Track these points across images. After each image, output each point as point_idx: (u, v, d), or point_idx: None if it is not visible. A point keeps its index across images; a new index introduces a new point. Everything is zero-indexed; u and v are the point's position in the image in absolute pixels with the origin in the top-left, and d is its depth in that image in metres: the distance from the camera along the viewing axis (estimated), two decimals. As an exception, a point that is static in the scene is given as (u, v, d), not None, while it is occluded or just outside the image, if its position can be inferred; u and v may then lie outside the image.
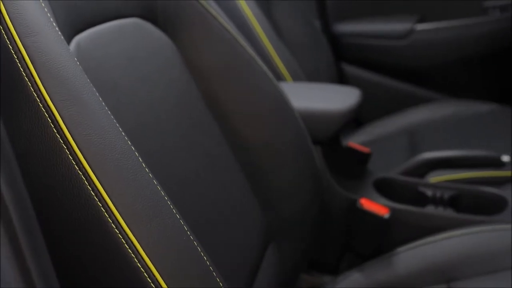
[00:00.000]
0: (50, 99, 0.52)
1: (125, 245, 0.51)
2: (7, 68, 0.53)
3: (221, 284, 0.58)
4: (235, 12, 1.35)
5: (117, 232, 0.51)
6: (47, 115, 0.51)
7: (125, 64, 0.73)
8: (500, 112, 1.61)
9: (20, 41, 0.53)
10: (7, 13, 0.54)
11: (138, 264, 0.51)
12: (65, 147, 0.51)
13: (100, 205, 0.51)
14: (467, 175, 1.21)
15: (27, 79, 0.52)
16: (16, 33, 0.53)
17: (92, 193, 0.51)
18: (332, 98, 1.17)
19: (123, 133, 0.56)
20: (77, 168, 0.51)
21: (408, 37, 1.86)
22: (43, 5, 0.58)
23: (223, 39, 0.90)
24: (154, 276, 0.51)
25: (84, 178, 0.51)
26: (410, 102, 1.78)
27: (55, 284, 0.54)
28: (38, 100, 0.52)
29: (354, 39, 1.96)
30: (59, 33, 0.57)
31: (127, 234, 0.51)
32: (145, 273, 0.51)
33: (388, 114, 1.73)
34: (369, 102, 1.45)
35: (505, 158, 1.21)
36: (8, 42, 0.53)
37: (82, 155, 0.51)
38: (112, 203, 0.51)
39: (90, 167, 0.51)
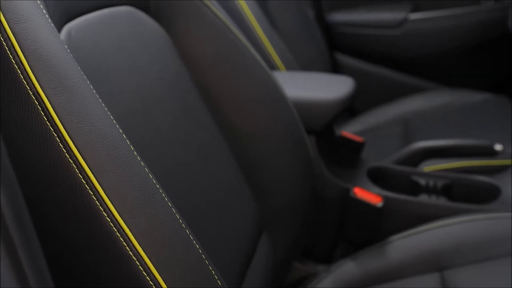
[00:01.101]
0: (40, 87, 0.51)
1: (117, 233, 0.50)
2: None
3: (213, 273, 0.58)
4: (229, 2, 1.35)
5: (109, 220, 0.50)
6: (37, 103, 0.51)
7: (116, 52, 0.72)
8: (494, 102, 1.61)
9: (10, 28, 0.52)
10: (-4, -1, 0.53)
11: (130, 252, 0.51)
12: (56, 135, 0.51)
13: (91, 193, 0.50)
14: (460, 164, 1.21)
15: (16, 67, 0.51)
16: (5, 19, 0.52)
17: (83, 181, 0.50)
18: (325, 88, 1.17)
19: (114, 121, 0.55)
20: (68, 156, 0.50)
21: (402, 27, 1.86)
22: (33, -8, 0.57)
23: (216, 28, 0.89)
24: (146, 264, 0.51)
25: (75, 166, 0.50)
26: (404, 91, 1.78)
27: (48, 277, 0.53)
28: (28, 88, 0.51)
29: (348, 28, 1.95)
30: (49, 20, 0.57)
31: (118, 222, 0.51)
32: (136, 261, 0.51)
33: (381, 103, 1.73)
34: (363, 91, 1.45)
35: (498, 147, 1.21)
36: (-3, 29, 0.52)
37: (73, 143, 0.51)
38: (104, 191, 0.51)
39: (81, 155, 0.51)
